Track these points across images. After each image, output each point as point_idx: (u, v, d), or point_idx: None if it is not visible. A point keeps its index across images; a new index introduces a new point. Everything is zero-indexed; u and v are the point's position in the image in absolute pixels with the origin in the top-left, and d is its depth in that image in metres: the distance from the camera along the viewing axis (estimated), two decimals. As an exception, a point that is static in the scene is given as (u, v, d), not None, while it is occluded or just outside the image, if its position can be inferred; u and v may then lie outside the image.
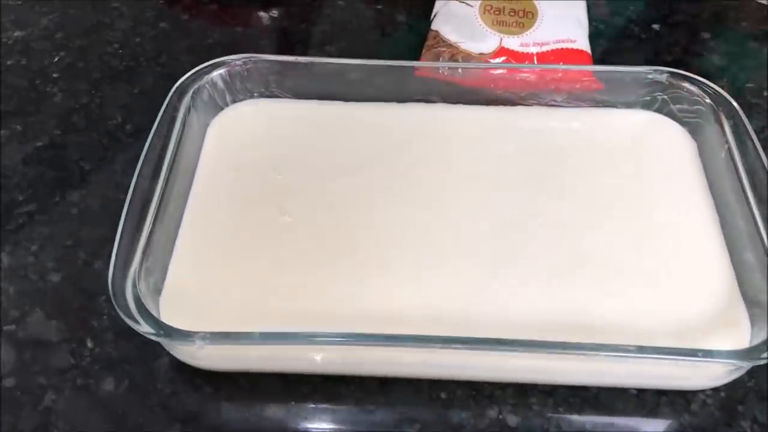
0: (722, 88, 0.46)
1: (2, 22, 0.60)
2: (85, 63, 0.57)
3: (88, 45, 0.59)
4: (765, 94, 0.55)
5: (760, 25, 0.60)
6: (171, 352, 0.40)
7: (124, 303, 0.36)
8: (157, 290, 0.40)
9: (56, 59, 0.57)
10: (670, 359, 0.35)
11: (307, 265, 0.41)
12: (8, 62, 0.57)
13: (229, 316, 0.39)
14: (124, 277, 0.37)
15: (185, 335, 0.35)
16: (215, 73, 0.48)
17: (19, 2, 0.62)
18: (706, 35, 0.59)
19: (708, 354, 0.35)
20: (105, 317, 0.42)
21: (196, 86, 0.47)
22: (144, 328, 0.35)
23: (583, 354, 0.35)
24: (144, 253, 0.38)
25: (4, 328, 0.42)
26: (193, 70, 0.48)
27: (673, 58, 0.57)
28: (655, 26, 0.60)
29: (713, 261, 0.41)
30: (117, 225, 0.39)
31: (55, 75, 0.56)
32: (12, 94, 0.55)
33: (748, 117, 0.46)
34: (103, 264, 0.44)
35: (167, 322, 0.37)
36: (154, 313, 0.37)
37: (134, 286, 0.37)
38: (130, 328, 0.36)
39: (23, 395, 0.39)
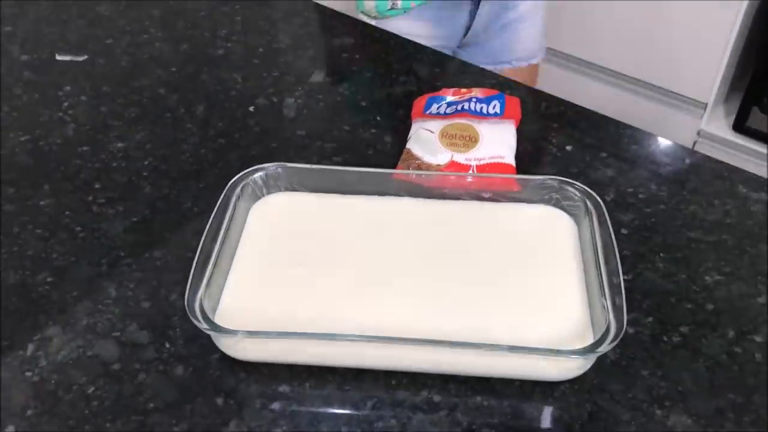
0: (609, 194, 0.69)
1: (110, 138, 0.86)
2: (167, 166, 0.82)
3: (169, 154, 0.84)
4: (640, 196, 0.77)
5: (643, 149, 0.84)
6: (219, 347, 0.62)
7: (194, 313, 0.59)
8: (213, 311, 0.63)
9: (146, 163, 0.83)
10: (531, 352, 0.57)
11: (313, 297, 0.64)
12: (113, 164, 0.83)
13: (260, 326, 0.61)
14: (194, 301, 0.60)
15: (229, 331, 0.58)
16: (256, 175, 0.73)
17: (121, 123, 0.89)
18: (604, 154, 0.83)
19: (555, 352, 0.56)
20: (178, 330, 0.65)
21: (243, 183, 0.72)
22: (203, 326, 0.58)
23: (476, 347, 0.57)
24: (205, 289, 0.61)
25: (113, 334, 0.65)
26: (242, 173, 0.72)
27: (578, 170, 0.81)
28: (569, 147, 0.84)
29: (576, 306, 0.63)
30: (188, 274, 0.62)
31: (145, 174, 0.81)
32: (116, 187, 0.80)
33: (624, 211, 0.69)
34: (177, 297, 0.67)
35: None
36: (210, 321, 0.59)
37: (201, 306, 0.59)
38: (194, 337, 0.59)
39: (125, 375, 0.62)
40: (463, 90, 0.85)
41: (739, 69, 1.80)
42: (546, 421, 0.59)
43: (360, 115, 0.90)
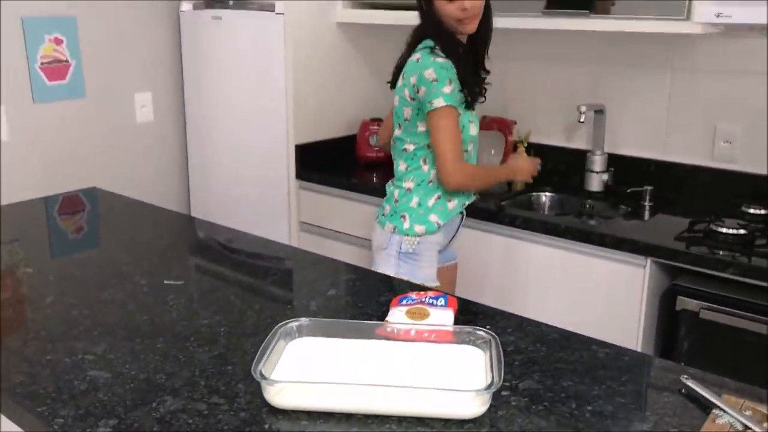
0: (509, 347, 1.17)
1: (199, 317, 1.37)
2: (236, 333, 1.31)
3: (237, 327, 1.34)
4: (529, 349, 1.25)
5: (534, 327, 1.33)
6: (266, 399, 1.05)
7: (254, 372, 1.04)
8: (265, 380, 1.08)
9: (222, 329, 1.32)
10: (450, 392, 1.01)
11: (338, 375, 1.09)
12: (201, 330, 1.32)
13: (299, 386, 1.06)
14: (255, 372, 1.05)
15: (274, 381, 1.03)
16: (292, 324, 1.22)
17: (206, 314, 1.40)
18: (510, 330, 1.32)
19: (464, 391, 1.00)
20: (242, 398, 1.09)
21: (283, 327, 1.20)
22: (257, 377, 1.03)
23: (417, 390, 1.01)
24: (263, 366, 1.07)
25: (204, 399, 1.08)
26: (282, 323, 1.21)
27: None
28: (488, 327, 1.33)
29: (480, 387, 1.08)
30: (249, 373, 1.08)
31: (222, 333, 1.30)
32: (204, 339, 1.28)
33: (518, 355, 1.17)
34: (242, 386, 1.12)
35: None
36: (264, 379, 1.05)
37: (259, 371, 1.05)
38: (251, 401, 1.05)
39: (210, 415, 1.04)
40: (422, 292, 1.38)
41: (658, 338, 2.30)
42: (458, 439, 1.00)
43: (359, 311, 1.41)
